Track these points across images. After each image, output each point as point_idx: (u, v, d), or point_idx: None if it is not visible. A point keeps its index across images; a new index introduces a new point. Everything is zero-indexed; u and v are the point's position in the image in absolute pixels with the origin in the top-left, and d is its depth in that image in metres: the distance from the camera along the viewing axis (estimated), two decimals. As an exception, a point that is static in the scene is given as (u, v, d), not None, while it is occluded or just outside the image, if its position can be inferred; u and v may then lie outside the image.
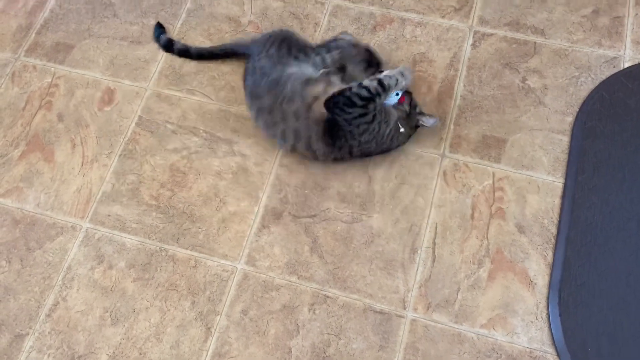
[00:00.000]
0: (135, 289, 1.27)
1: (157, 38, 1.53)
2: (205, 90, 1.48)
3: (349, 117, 1.23)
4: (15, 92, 1.51)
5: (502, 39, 1.50)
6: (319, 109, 1.25)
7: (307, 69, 1.31)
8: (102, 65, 1.53)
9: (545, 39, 1.49)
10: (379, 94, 1.24)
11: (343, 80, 1.30)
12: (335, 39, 1.39)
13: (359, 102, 1.22)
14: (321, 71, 1.30)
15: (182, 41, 1.53)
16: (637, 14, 1.50)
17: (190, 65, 1.51)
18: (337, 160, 1.33)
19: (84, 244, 1.33)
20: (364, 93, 1.23)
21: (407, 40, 1.50)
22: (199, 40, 1.54)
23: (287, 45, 1.36)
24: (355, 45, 1.36)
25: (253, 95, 1.34)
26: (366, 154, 1.33)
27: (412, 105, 1.32)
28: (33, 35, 1.59)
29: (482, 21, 1.52)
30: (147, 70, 1.52)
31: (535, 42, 1.49)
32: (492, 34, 1.50)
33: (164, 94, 1.48)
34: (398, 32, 1.52)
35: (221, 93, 1.48)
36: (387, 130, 1.28)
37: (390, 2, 1.56)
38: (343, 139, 1.27)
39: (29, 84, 1.52)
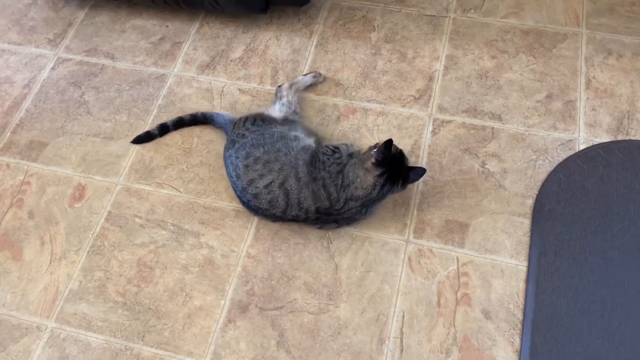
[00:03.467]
0: (98, 391, 1.25)
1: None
2: (174, 183, 1.51)
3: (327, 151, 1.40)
4: (-13, 191, 1.53)
5: (461, 125, 1.55)
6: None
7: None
8: (74, 162, 1.57)
9: (502, 124, 1.55)
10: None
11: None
12: None
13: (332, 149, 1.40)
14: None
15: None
16: (588, 98, 1.57)
17: (160, 158, 1.55)
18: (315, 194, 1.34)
19: (48, 344, 1.31)
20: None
21: (369, 129, 1.56)
22: (169, 135, 1.59)
23: (260, 118, 1.48)
24: None
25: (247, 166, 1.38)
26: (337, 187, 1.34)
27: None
28: (8, 134, 1.63)
29: (441, 109, 1.58)
30: (118, 166, 1.55)
31: (492, 128, 1.54)
32: (450, 121, 1.56)
33: (133, 188, 1.51)
34: (361, 121, 1.58)
35: (190, 185, 1.51)
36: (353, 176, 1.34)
37: (353, 94, 1.63)
38: (318, 170, 1.35)
39: (2, 182, 1.55)
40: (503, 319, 1.27)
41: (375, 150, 1.31)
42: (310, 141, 1.45)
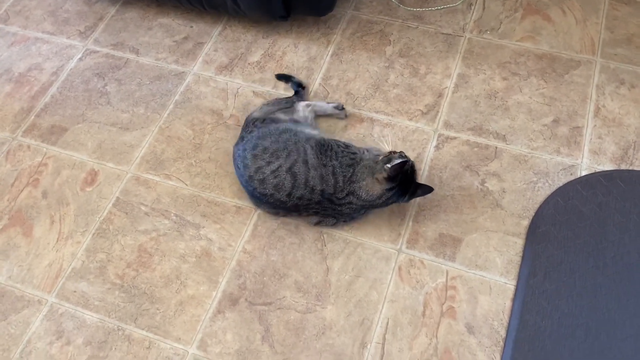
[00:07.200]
0: (88, 366, 1.30)
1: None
2: (182, 175, 1.57)
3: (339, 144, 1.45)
4: (7, 169, 1.62)
5: (465, 142, 1.57)
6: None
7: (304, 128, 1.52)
8: (90, 148, 1.64)
9: (506, 144, 1.56)
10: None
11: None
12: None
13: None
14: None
15: (168, 129, 1.66)
16: (595, 125, 1.58)
17: (171, 151, 1.62)
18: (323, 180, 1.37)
19: (47, 318, 1.38)
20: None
21: (374, 140, 1.59)
22: (181, 129, 1.66)
23: (270, 119, 1.53)
24: None
25: (255, 156, 1.43)
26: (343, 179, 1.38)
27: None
28: (32, 117, 1.72)
29: (447, 125, 1.61)
30: (131, 155, 1.62)
31: (496, 147, 1.56)
32: (455, 137, 1.58)
33: (142, 177, 1.58)
34: (367, 131, 1.61)
35: (196, 179, 1.56)
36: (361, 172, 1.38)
37: (362, 104, 1.67)
38: (329, 158, 1.40)
39: (21, 162, 1.63)
40: (486, 335, 1.28)
41: (389, 165, 1.32)
42: (315, 132, 1.50)
